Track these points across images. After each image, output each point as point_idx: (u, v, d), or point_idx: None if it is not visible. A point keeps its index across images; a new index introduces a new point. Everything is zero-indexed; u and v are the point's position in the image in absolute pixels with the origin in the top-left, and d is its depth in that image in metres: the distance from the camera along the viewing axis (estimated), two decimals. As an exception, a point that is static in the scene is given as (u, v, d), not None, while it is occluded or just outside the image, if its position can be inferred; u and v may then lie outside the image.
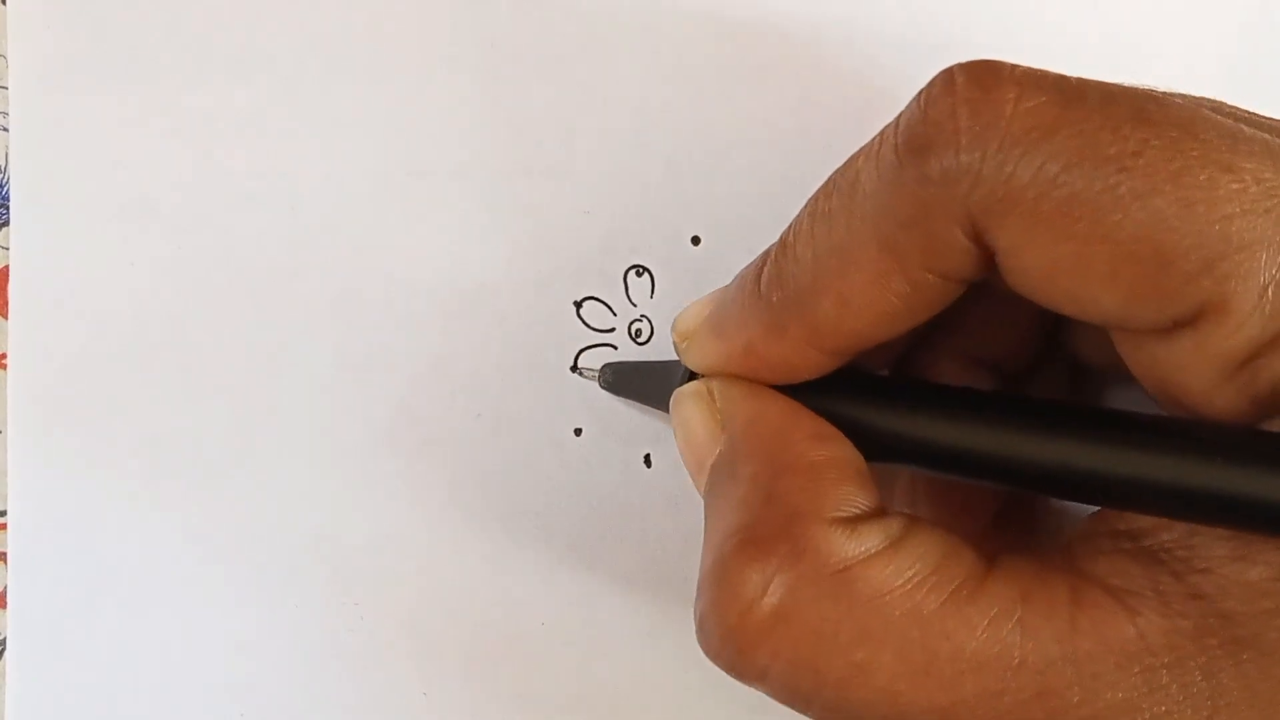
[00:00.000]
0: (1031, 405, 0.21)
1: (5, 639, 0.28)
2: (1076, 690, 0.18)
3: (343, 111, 0.29)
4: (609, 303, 0.28)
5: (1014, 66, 0.19)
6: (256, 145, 0.29)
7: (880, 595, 0.19)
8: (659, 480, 0.28)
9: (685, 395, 0.24)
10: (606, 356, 0.28)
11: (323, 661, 0.28)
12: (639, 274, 0.28)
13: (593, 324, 0.28)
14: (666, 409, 0.25)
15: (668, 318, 0.28)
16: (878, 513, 0.21)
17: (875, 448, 0.22)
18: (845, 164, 0.21)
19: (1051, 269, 0.19)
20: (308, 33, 0.29)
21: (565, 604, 0.28)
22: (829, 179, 0.21)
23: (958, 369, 0.25)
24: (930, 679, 0.19)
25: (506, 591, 0.28)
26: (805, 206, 0.22)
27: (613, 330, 0.28)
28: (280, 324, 0.28)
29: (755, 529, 0.20)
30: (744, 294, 0.23)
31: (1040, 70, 0.19)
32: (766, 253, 0.22)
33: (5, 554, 0.28)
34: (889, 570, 0.20)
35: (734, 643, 0.20)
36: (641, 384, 0.27)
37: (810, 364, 0.22)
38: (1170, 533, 0.20)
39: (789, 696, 0.20)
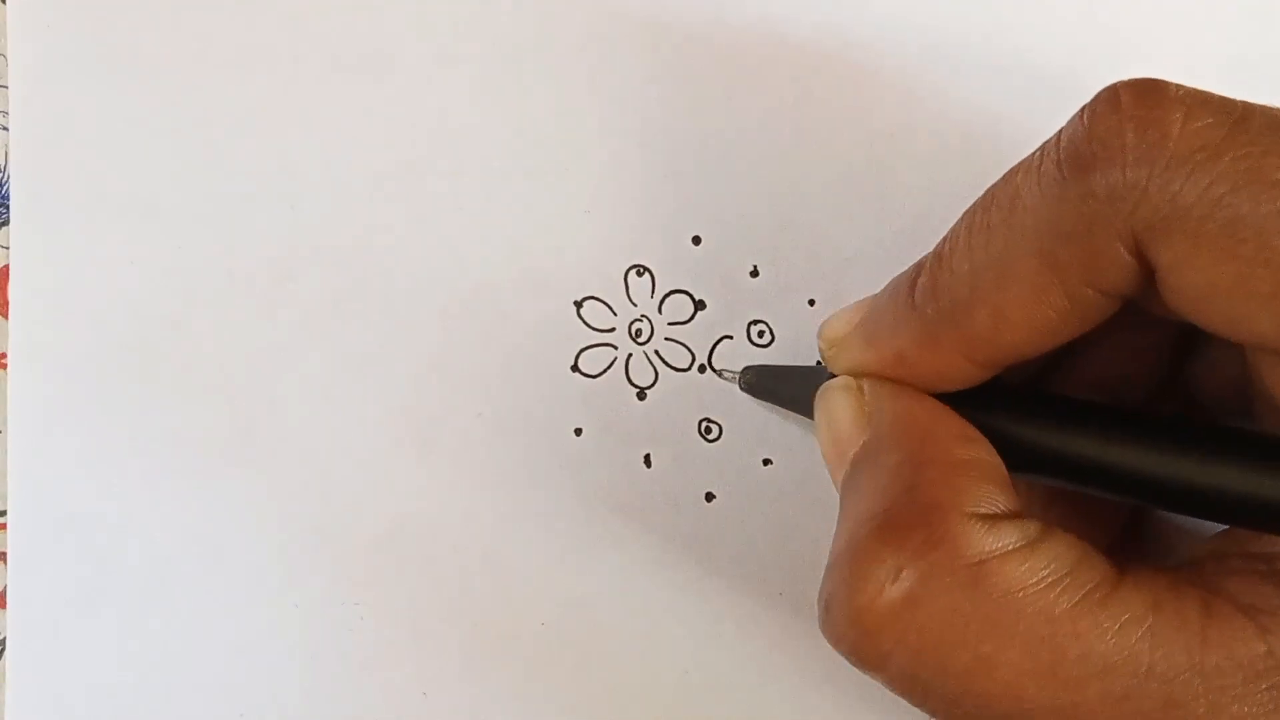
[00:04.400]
0: (1175, 424, 0.21)
1: (5, 639, 0.28)
2: (1203, 703, 0.19)
3: (343, 111, 0.29)
4: (609, 302, 0.28)
5: (1178, 86, 0.19)
6: (256, 145, 0.29)
7: (1013, 591, 0.20)
8: (659, 480, 0.28)
9: (834, 388, 0.24)
10: (607, 357, 0.28)
11: (323, 661, 0.28)
12: (639, 273, 0.28)
13: (593, 323, 0.28)
14: (804, 412, 0.26)
15: (668, 317, 0.28)
16: (1016, 515, 0.21)
17: (1016, 459, 0.22)
18: (1003, 179, 0.21)
19: (1211, 289, 0.19)
20: (308, 32, 0.29)
21: (565, 604, 0.28)
22: (986, 193, 0.21)
23: (1079, 393, 0.25)
24: (1056, 678, 0.19)
25: (506, 591, 0.28)
26: (961, 220, 0.22)
27: (613, 330, 0.28)
28: (280, 323, 0.28)
29: (894, 515, 0.21)
30: (897, 304, 0.23)
31: (1204, 91, 0.19)
32: (920, 263, 0.23)
33: (5, 554, 0.28)
34: (1024, 568, 0.20)
35: (860, 625, 0.20)
36: (781, 387, 0.27)
37: (960, 375, 0.22)
38: None
39: (907, 686, 0.21)
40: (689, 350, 0.28)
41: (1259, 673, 0.19)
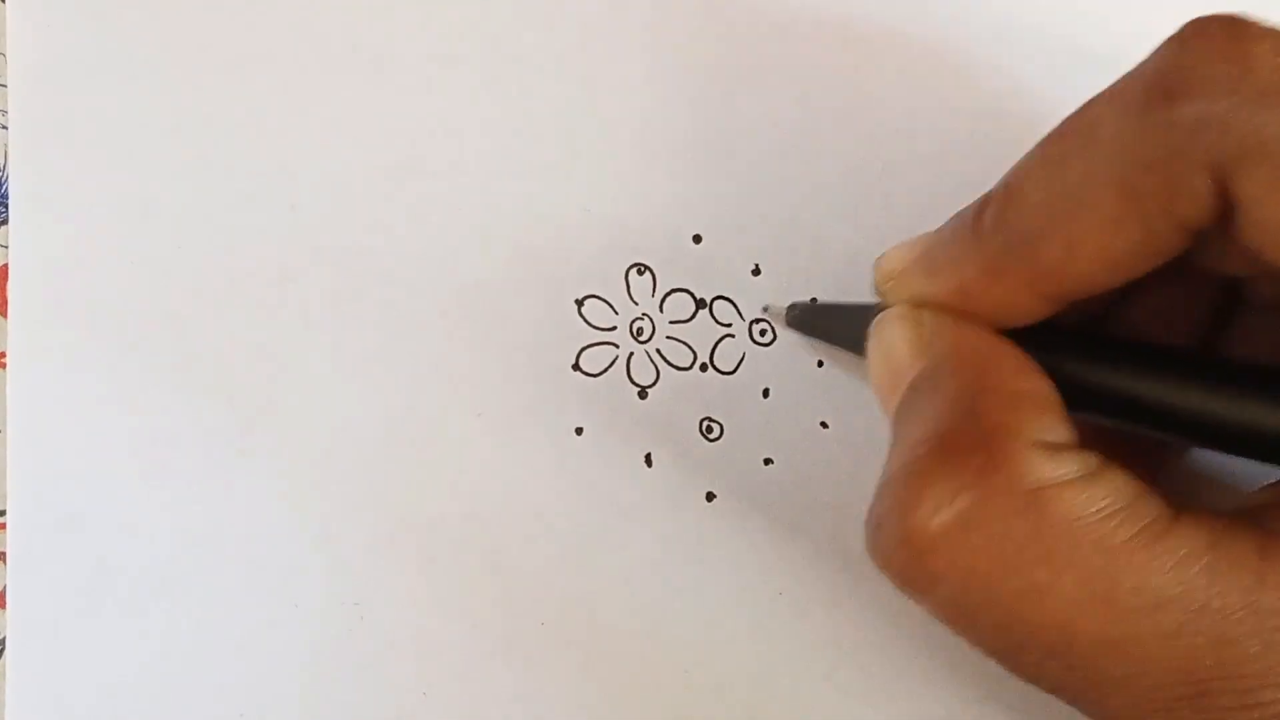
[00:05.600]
0: (1233, 366, 0.22)
1: (5, 639, 0.28)
2: (1256, 642, 0.18)
3: (343, 111, 0.29)
4: (610, 301, 0.28)
5: (1262, 22, 0.19)
6: (256, 145, 0.29)
7: (1071, 520, 0.19)
8: (659, 480, 0.28)
9: (891, 315, 0.24)
10: (608, 355, 0.28)
11: (323, 661, 0.28)
12: (640, 272, 0.28)
13: (594, 322, 0.28)
14: (851, 348, 0.25)
15: (669, 316, 0.28)
16: (1076, 446, 0.21)
17: (1074, 397, 0.22)
18: (1080, 110, 0.21)
19: None
20: (308, 32, 0.29)
21: (565, 604, 0.28)
22: (1061, 124, 0.21)
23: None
24: (1108, 610, 0.19)
25: (506, 591, 0.28)
26: (1034, 150, 0.21)
27: (614, 329, 0.28)
28: (280, 323, 0.28)
29: (953, 438, 0.20)
30: (961, 236, 0.22)
31: None
32: (986, 196, 0.22)
33: (5, 554, 0.28)
34: (1083, 498, 0.20)
35: (911, 546, 0.20)
36: (829, 323, 0.27)
37: (1025, 309, 0.22)
38: None
39: (954, 612, 0.20)
40: (690, 349, 0.28)
41: None
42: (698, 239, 0.28)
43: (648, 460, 0.28)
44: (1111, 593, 0.19)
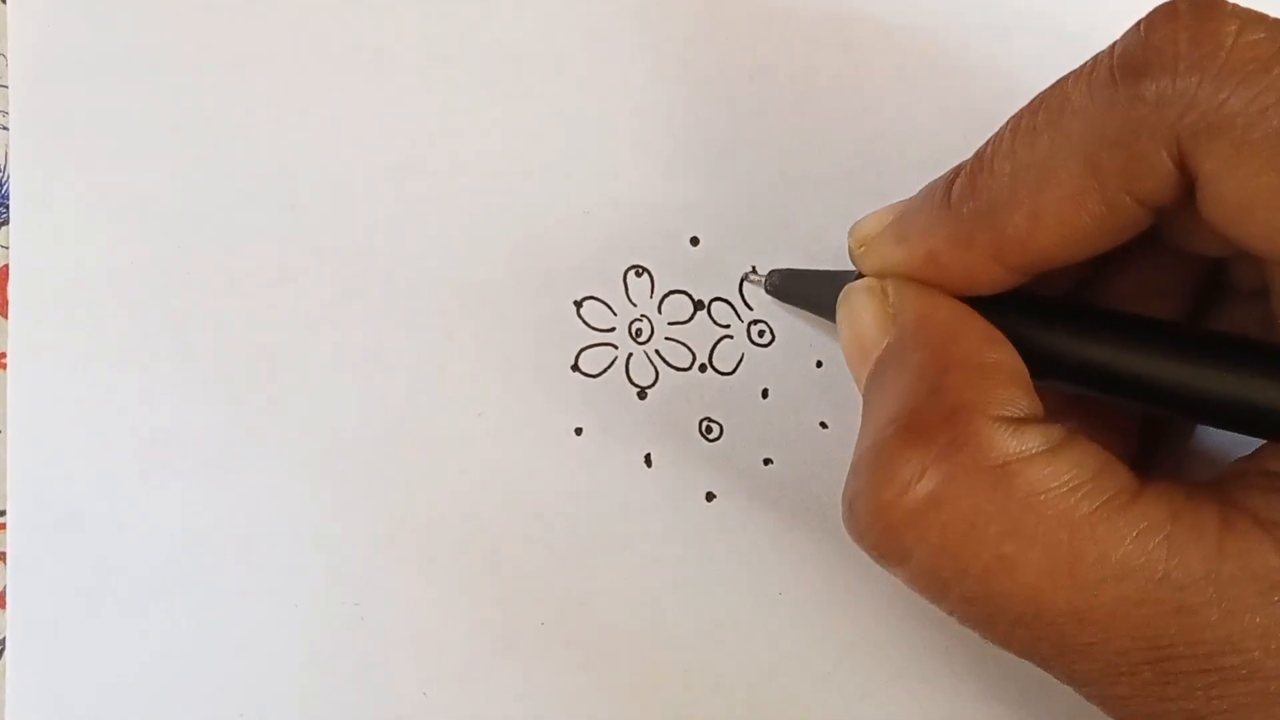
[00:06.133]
0: (1201, 333, 0.22)
1: (5, 639, 0.28)
2: (1215, 610, 0.19)
3: (342, 111, 0.29)
4: (609, 302, 0.28)
5: (1233, 4, 0.19)
6: (256, 145, 0.29)
7: (1035, 494, 0.20)
8: (659, 480, 0.28)
9: (858, 289, 0.24)
10: (607, 356, 0.28)
11: (323, 661, 0.28)
12: (638, 274, 0.28)
13: (593, 323, 0.28)
14: (828, 316, 0.26)
15: (668, 317, 0.28)
16: (1039, 419, 0.21)
17: (1040, 365, 0.22)
18: (1052, 85, 0.21)
19: (1251, 199, 0.19)
20: (308, 32, 0.29)
21: (565, 604, 0.28)
22: (1035, 99, 0.22)
23: None
24: (1072, 581, 0.20)
25: (506, 591, 0.28)
26: (1006, 123, 0.22)
27: (613, 330, 0.28)
28: (280, 323, 0.28)
29: (919, 416, 0.21)
30: (932, 204, 0.23)
31: (1257, 10, 0.19)
32: (959, 167, 0.23)
33: (5, 554, 0.28)
34: (1046, 471, 0.20)
35: (883, 521, 0.21)
36: (808, 290, 0.27)
37: (990, 278, 0.22)
38: None
39: (927, 583, 0.21)
40: (689, 350, 0.28)
41: (1273, 584, 0.19)
42: (696, 241, 0.28)
43: (647, 460, 0.28)
44: (1076, 564, 0.20)
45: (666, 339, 0.28)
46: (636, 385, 0.28)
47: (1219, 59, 0.19)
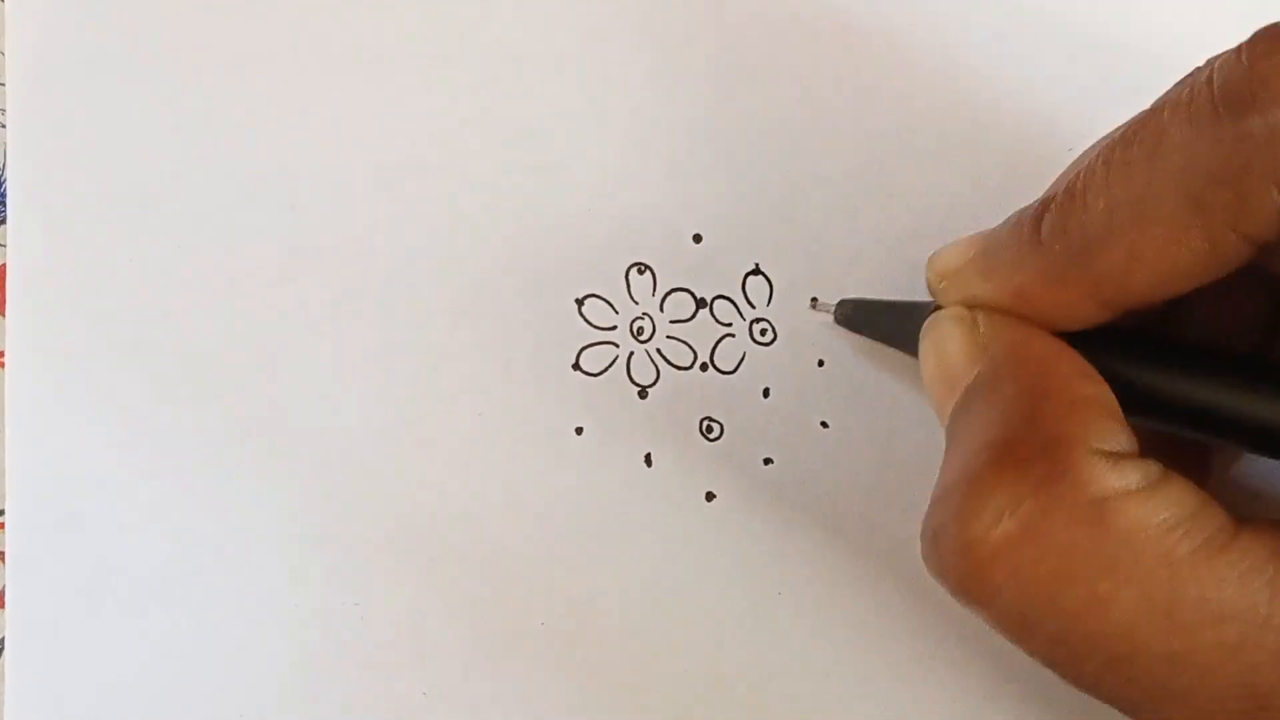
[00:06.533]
0: None
1: (5, 639, 0.28)
2: None
3: (342, 111, 0.29)
4: (610, 300, 0.28)
5: None
6: (256, 145, 0.29)
7: (1134, 532, 0.19)
8: (659, 480, 0.28)
9: (945, 318, 0.24)
10: (608, 355, 0.28)
11: (323, 662, 0.28)
12: (640, 271, 0.28)
13: (594, 322, 0.28)
14: (901, 347, 0.25)
15: (670, 315, 0.28)
16: (1136, 455, 0.20)
17: (1130, 402, 0.21)
18: (1146, 114, 0.21)
19: None
20: (307, 32, 0.29)
21: (565, 604, 0.28)
22: (1127, 128, 0.21)
23: None
24: (1170, 623, 0.19)
25: (506, 591, 0.28)
26: (1097, 155, 0.21)
27: (614, 328, 0.28)
28: (280, 323, 0.28)
29: (1013, 446, 0.20)
30: (1020, 239, 0.22)
31: None
32: (1046, 199, 0.22)
33: (4, 553, 0.28)
34: (1146, 508, 0.19)
35: (972, 557, 0.20)
36: (880, 321, 0.27)
37: (1081, 315, 0.22)
38: None
39: (1013, 623, 0.20)
40: (691, 348, 0.28)
41: None
42: (698, 238, 0.28)
43: (648, 460, 0.28)
44: (1174, 606, 0.19)
45: (668, 337, 0.28)
46: (638, 384, 0.28)
47: None
